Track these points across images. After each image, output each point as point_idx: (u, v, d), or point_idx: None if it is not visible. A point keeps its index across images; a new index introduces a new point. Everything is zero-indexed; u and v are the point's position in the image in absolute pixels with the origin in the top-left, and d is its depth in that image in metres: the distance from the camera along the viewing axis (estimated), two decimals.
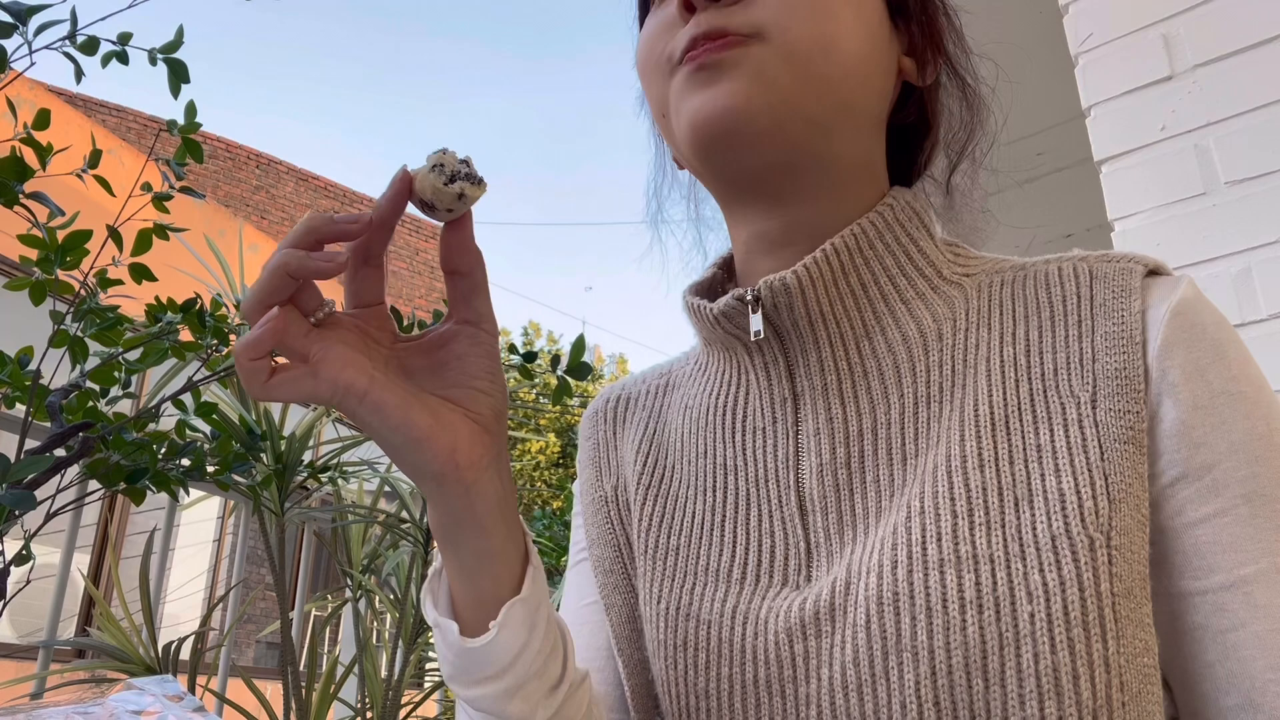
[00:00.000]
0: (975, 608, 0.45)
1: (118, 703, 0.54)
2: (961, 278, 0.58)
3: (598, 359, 16.60)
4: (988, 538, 0.47)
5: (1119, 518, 0.46)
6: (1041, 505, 0.47)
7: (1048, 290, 0.54)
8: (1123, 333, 0.50)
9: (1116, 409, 0.49)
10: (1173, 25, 1.40)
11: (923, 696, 0.45)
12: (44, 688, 1.84)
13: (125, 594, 2.03)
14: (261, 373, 0.42)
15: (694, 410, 0.62)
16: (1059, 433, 0.49)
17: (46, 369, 1.34)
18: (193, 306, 1.42)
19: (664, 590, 0.57)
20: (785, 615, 0.51)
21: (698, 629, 0.54)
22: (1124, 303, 0.51)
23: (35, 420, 1.33)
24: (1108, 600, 0.45)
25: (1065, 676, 0.43)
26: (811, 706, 0.48)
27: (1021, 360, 0.52)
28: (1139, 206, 1.38)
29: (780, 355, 0.56)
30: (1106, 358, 0.50)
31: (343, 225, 0.44)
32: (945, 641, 0.45)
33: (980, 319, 0.55)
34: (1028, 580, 0.45)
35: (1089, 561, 0.45)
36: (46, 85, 6.40)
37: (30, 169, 1.25)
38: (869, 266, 0.56)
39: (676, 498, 0.60)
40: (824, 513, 0.53)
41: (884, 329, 0.56)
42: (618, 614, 0.61)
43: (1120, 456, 0.47)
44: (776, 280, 0.54)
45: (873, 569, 0.48)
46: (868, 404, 0.54)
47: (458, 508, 0.47)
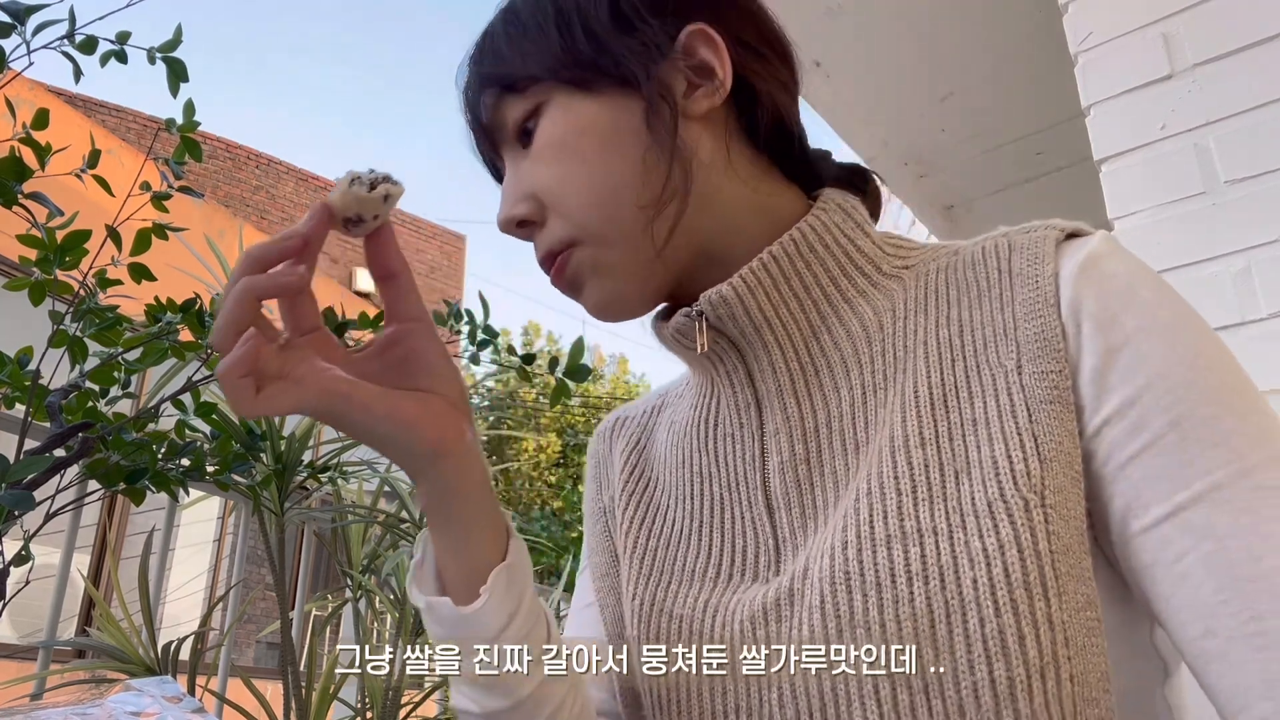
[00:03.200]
0: (921, 579, 0.47)
1: (116, 704, 0.54)
2: (900, 270, 0.59)
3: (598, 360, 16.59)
4: (930, 511, 0.48)
5: (1051, 477, 0.47)
6: (978, 475, 0.48)
7: (973, 269, 0.56)
8: (1039, 297, 0.51)
9: (1039, 371, 0.50)
10: (1172, 24, 1.40)
11: (877, 670, 0.46)
12: (43, 688, 1.84)
13: (125, 594, 2.03)
14: (249, 389, 0.44)
15: (677, 425, 0.66)
16: (990, 403, 0.50)
17: (46, 369, 1.34)
18: (192, 306, 1.42)
19: (639, 588, 0.59)
20: (749, 605, 0.53)
21: (669, 623, 0.56)
22: (1038, 268, 0.52)
23: (35, 420, 1.33)
24: (1047, 559, 0.45)
25: (1011, 638, 0.44)
26: (773, 690, 0.50)
27: (955, 340, 0.54)
28: (1139, 206, 1.38)
29: (740, 363, 0.59)
30: (1026, 324, 0.51)
31: (280, 245, 0.47)
32: (895, 614, 0.46)
33: (917, 306, 0.57)
34: (969, 548, 0.46)
35: (1025, 523, 0.46)
36: (46, 85, 6.39)
37: (29, 169, 1.25)
38: (810, 268, 0.58)
39: (658, 505, 0.64)
40: (788, 508, 0.55)
41: (829, 327, 0.58)
42: (610, 614, 0.64)
43: (1048, 417, 0.48)
44: (714, 293, 0.57)
45: (825, 552, 0.50)
46: (820, 400, 0.57)
47: (452, 482, 0.51)
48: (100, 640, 1.92)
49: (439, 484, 0.51)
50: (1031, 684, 0.44)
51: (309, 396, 0.46)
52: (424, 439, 0.49)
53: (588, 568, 0.69)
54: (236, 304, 0.45)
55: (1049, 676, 0.44)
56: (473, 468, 0.51)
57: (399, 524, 2.53)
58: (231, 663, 2.18)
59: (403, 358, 0.51)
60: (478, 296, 1.84)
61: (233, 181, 10.76)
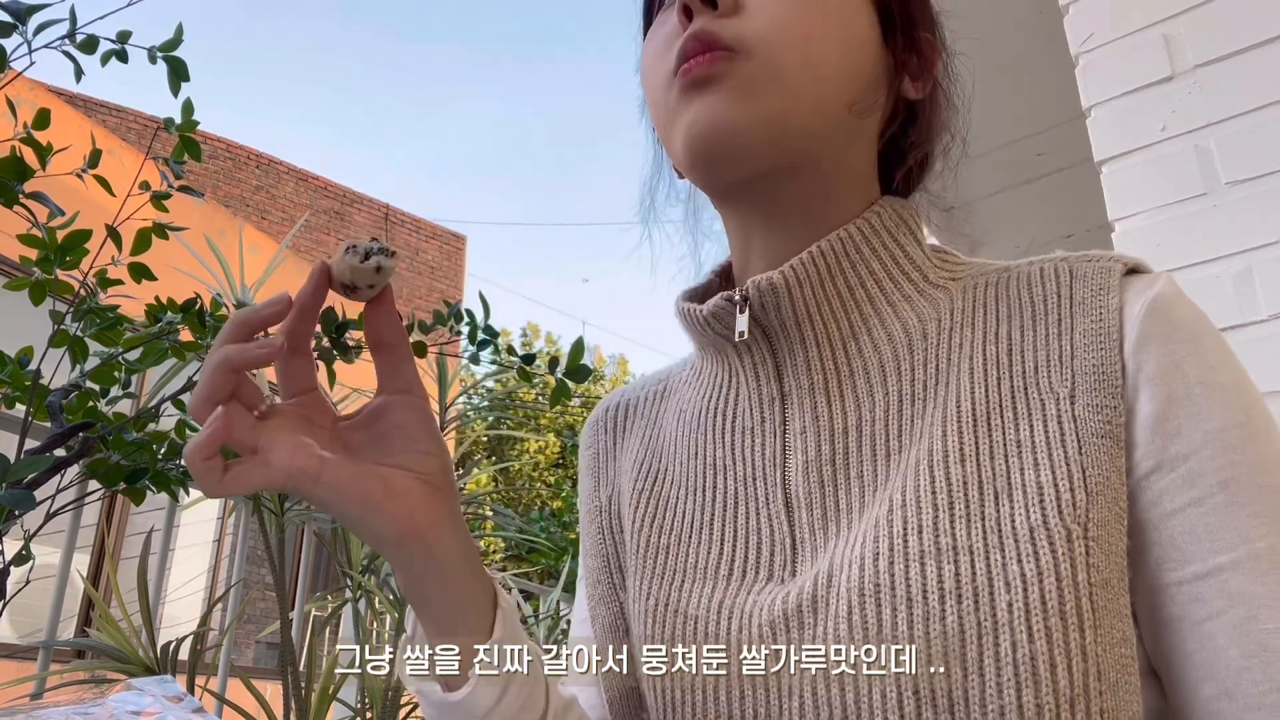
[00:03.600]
0: (954, 598, 0.46)
1: (117, 703, 0.54)
2: (948, 281, 0.59)
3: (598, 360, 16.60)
4: (967, 530, 0.48)
5: (1096, 510, 0.47)
6: (1020, 498, 0.48)
7: (1029, 290, 0.55)
8: (1101, 329, 0.51)
9: (1094, 404, 0.49)
10: (1173, 25, 1.40)
11: (902, 684, 0.46)
12: (44, 688, 1.84)
13: (124, 594, 2.03)
14: (215, 470, 0.44)
15: (687, 414, 0.64)
16: (1038, 428, 0.50)
17: (46, 369, 1.34)
18: (193, 306, 1.42)
19: (652, 587, 0.58)
20: (769, 608, 0.52)
21: (684, 623, 0.55)
22: (1102, 300, 0.52)
23: (35, 420, 1.33)
24: (1085, 590, 0.45)
25: (1042, 665, 0.44)
26: (793, 698, 0.49)
27: (1003, 358, 0.53)
28: (1139, 207, 1.38)
29: (769, 355, 0.58)
30: (1085, 354, 0.51)
31: (266, 311, 0.47)
32: (925, 631, 0.46)
33: (964, 319, 0.56)
34: (1006, 571, 0.46)
35: (1066, 552, 0.46)
36: (46, 85, 6.39)
37: (30, 169, 1.25)
38: (855, 269, 0.57)
39: (668, 499, 0.62)
40: (809, 509, 0.54)
41: (870, 330, 0.57)
42: (601, 624, 0.62)
43: (1098, 450, 0.48)
44: (764, 280, 0.55)
45: (854, 561, 0.49)
46: (853, 402, 0.56)
47: (422, 567, 0.49)
48: (100, 640, 1.92)
49: (409, 568, 0.49)
50: (1060, 713, 0.44)
51: (276, 477, 0.45)
52: (391, 524, 0.48)
53: (583, 575, 0.68)
54: (212, 376, 0.45)
55: (1079, 708, 0.44)
56: (447, 549, 0.49)
57: None
58: (231, 663, 2.18)
59: (387, 432, 0.50)
60: (478, 297, 1.84)
61: (233, 181, 10.77)
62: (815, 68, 0.54)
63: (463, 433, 3.52)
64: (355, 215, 11.20)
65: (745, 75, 0.54)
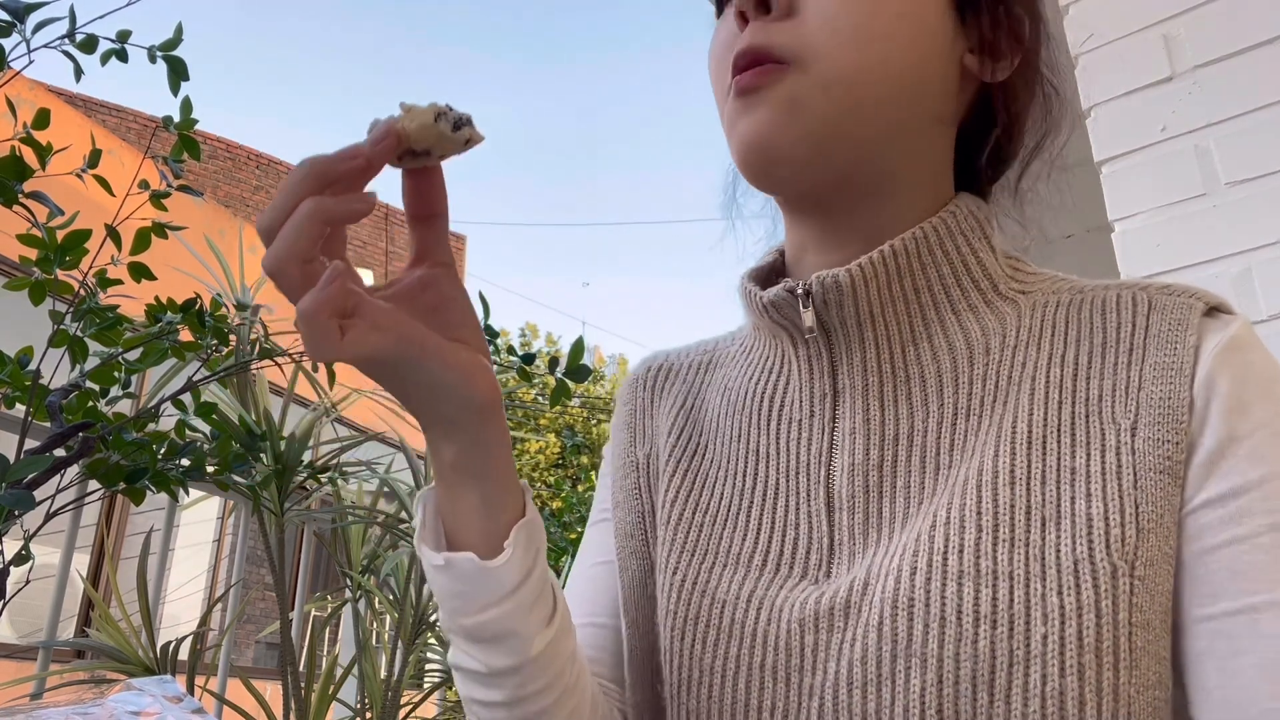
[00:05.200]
0: (989, 622, 0.45)
1: (117, 703, 0.54)
2: (1017, 294, 0.57)
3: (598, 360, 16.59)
4: (1009, 555, 0.47)
5: (1145, 548, 0.46)
6: (1068, 527, 0.47)
7: (1103, 316, 0.54)
8: (1173, 364, 0.50)
9: (1156, 438, 0.48)
10: (1173, 25, 1.40)
11: (926, 703, 0.45)
12: (43, 688, 1.84)
13: (124, 594, 2.03)
14: (334, 331, 0.40)
15: (733, 392, 0.63)
16: (1095, 457, 0.48)
17: (46, 369, 1.34)
18: (192, 306, 1.42)
19: (680, 563, 0.57)
20: (800, 606, 0.51)
21: (710, 606, 0.54)
22: (1179, 335, 0.51)
23: (35, 420, 1.33)
24: (1125, 630, 0.44)
25: (1071, 701, 0.43)
26: (815, 698, 0.49)
27: (1067, 383, 0.52)
28: (1139, 207, 1.38)
29: (825, 350, 0.57)
30: (1153, 386, 0.50)
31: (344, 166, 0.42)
32: (955, 652, 0.45)
33: (1030, 337, 0.55)
34: (1045, 601, 0.45)
35: (1109, 589, 0.45)
36: (46, 85, 6.39)
37: (30, 169, 1.25)
38: (925, 273, 0.55)
39: (706, 476, 0.61)
40: (851, 512, 0.53)
41: (931, 336, 0.55)
42: (631, 578, 0.61)
43: (1154, 486, 0.47)
44: (829, 277, 0.54)
45: (891, 572, 0.49)
46: (906, 409, 0.54)
47: (494, 436, 0.48)
48: (100, 640, 1.92)
49: (483, 438, 0.48)
50: None
51: (389, 341, 0.42)
52: (481, 390, 0.46)
53: (606, 521, 0.66)
54: (305, 227, 0.40)
55: None
56: (504, 423, 0.49)
57: (398, 524, 2.53)
58: (231, 663, 2.18)
59: (436, 305, 0.48)
60: (478, 297, 1.84)
61: (232, 181, 10.76)
62: (872, 71, 0.52)
63: None
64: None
65: (792, 89, 0.52)
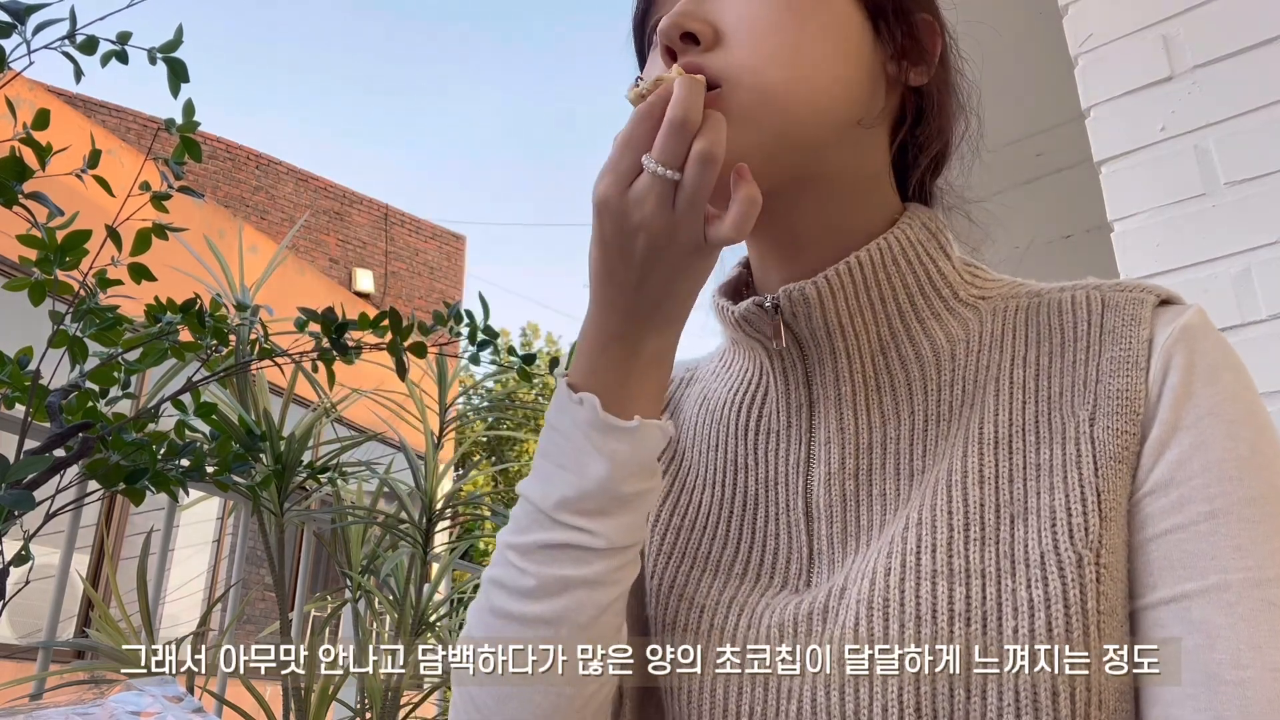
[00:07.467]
0: (963, 620, 0.47)
1: (117, 703, 0.54)
2: (977, 300, 0.59)
3: None
4: (980, 553, 0.48)
5: (1109, 536, 0.47)
6: (1035, 522, 0.48)
7: (1060, 317, 0.56)
8: (1128, 357, 0.51)
9: (1114, 428, 0.49)
10: (1173, 25, 1.40)
11: (904, 702, 0.46)
12: (44, 688, 1.84)
13: (124, 595, 2.03)
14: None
15: (711, 402, 0.64)
16: (1057, 451, 0.50)
17: (46, 369, 1.34)
18: (192, 307, 1.42)
19: (658, 566, 0.59)
20: (780, 612, 0.52)
21: (689, 611, 0.55)
22: (1133, 330, 0.52)
23: (35, 420, 1.33)
24: (1093, 619, 0.45)
25: (1044, 691, 0.45)
26: (793, 700, 0.50)
27: (1030, 383, 0.53)
28: (1139, 207, 1.38)
29: (799, 361, 0.58)
30: (1110, 380, 0.51)
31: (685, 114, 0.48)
32: (931, 649, 0.46)
33: (993, 341, 0.56)
34: (1015, 596, 0.46)
35: (1076, 578, 0.46)
36: (46, 85, 6.39)
37: (30, 169, 1.24)
38: (890, 282, 0.57)
39: (685, 482, 0.62)
40: (829, 521, 0.55)
41: (899, 345, 0.57)
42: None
43: (1113, 474, 0.48)
44: (796, 290, 0.56)
45: (866, 575, 0.50)
46: (879, 418, 0.56)
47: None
48: (100, 641, 1.92)
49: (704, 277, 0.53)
50: None
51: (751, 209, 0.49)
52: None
53: None
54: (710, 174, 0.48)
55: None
56: None
57: (398, 525, 2.53)
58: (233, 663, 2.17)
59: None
60: (477, 297, 1.84)
61: (232, 182, 10.76)
62: (804, 82, 0.53)
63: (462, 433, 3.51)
64: (355, 215, 11.18)
65: (736, 105, 0.53)
